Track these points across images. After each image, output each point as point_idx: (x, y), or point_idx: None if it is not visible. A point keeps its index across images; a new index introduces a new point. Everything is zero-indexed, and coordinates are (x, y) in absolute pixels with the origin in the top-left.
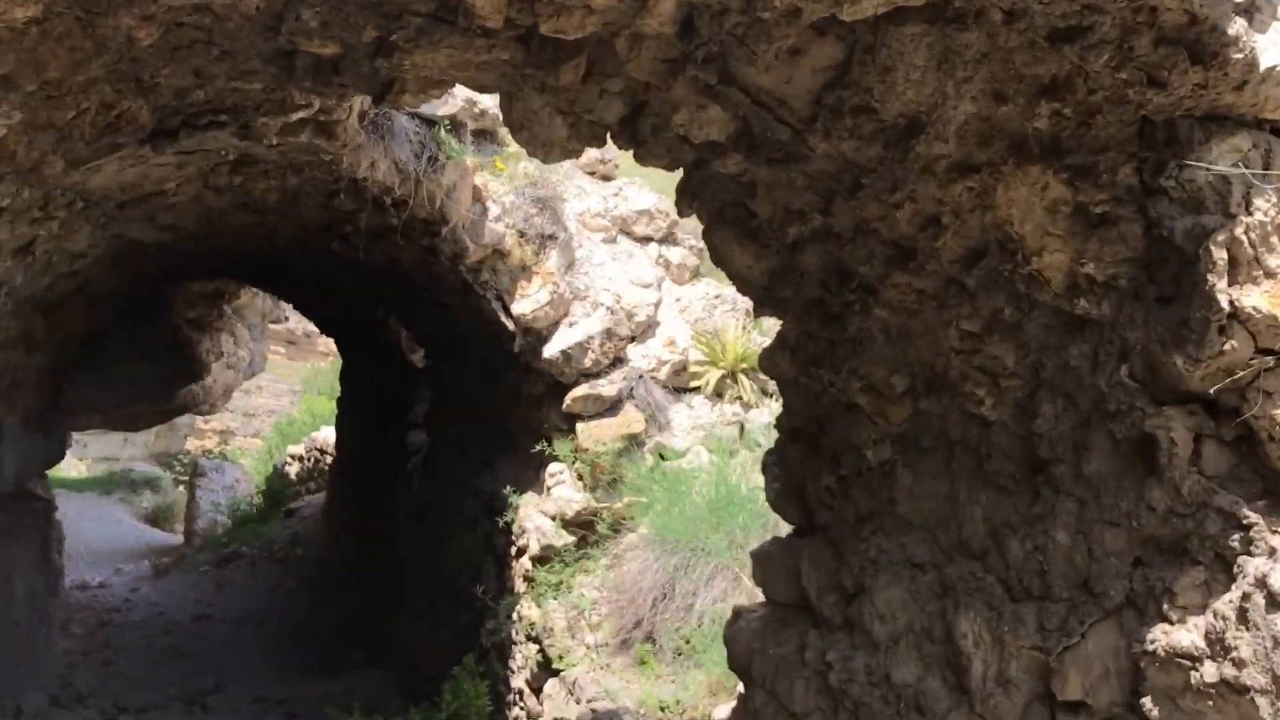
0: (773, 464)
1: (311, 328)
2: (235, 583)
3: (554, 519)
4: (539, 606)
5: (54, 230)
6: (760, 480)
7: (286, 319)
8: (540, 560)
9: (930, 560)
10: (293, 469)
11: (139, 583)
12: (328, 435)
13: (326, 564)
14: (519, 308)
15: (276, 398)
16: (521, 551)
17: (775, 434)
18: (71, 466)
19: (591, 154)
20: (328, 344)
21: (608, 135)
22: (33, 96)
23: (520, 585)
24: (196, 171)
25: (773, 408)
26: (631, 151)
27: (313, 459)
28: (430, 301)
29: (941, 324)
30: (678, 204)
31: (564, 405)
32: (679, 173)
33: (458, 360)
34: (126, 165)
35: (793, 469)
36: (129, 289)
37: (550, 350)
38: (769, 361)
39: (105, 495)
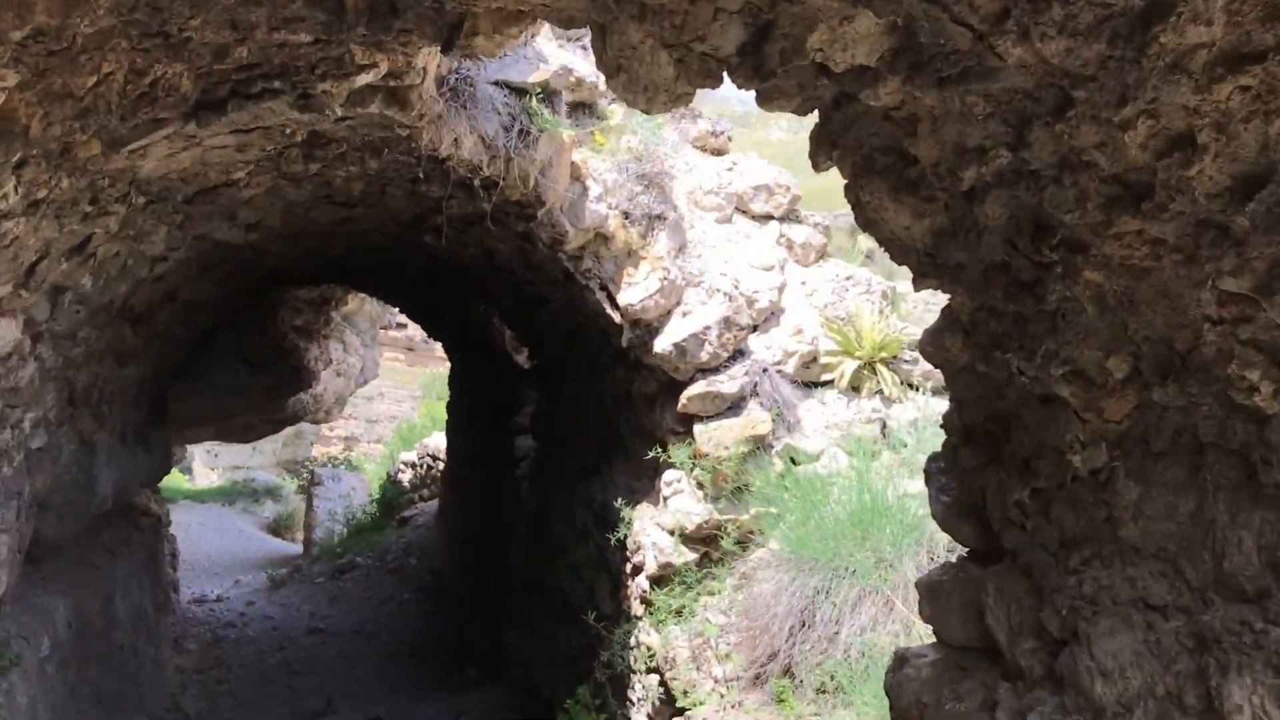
0: (938, 472)
1: None
2: (349, 594)
3: (672, 533)
4: (659, 633)
5: (112, 228)
6: (910, 487)
7: (404, 326)
8: (658, 581)
9: (1174, 602)
10: (406, 476)
11: (255, 596)
12: (440, 441)
13: (439, 575)
14: (626, 297)
15: (398, 404)
16: (637, 570)
17: (924, 433)
18: (203, 476)
19: (702, 126)
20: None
21: (724, 72)
22: (28, 51)
23: (637, 608)
24: (265, 157)
25: (920, 402)
26: (755, 92)
27: (425, 465)
28: (530, 295)
29: (1188, 285)
30: (813, 155)
31: (679, 405)
32: (803, 138)
33: (563, 358)
34: (177, 148)
35: (967, 479)
36: (227, 297)
37: (662, 344)
38: (934, 345)
39: (228, 505)
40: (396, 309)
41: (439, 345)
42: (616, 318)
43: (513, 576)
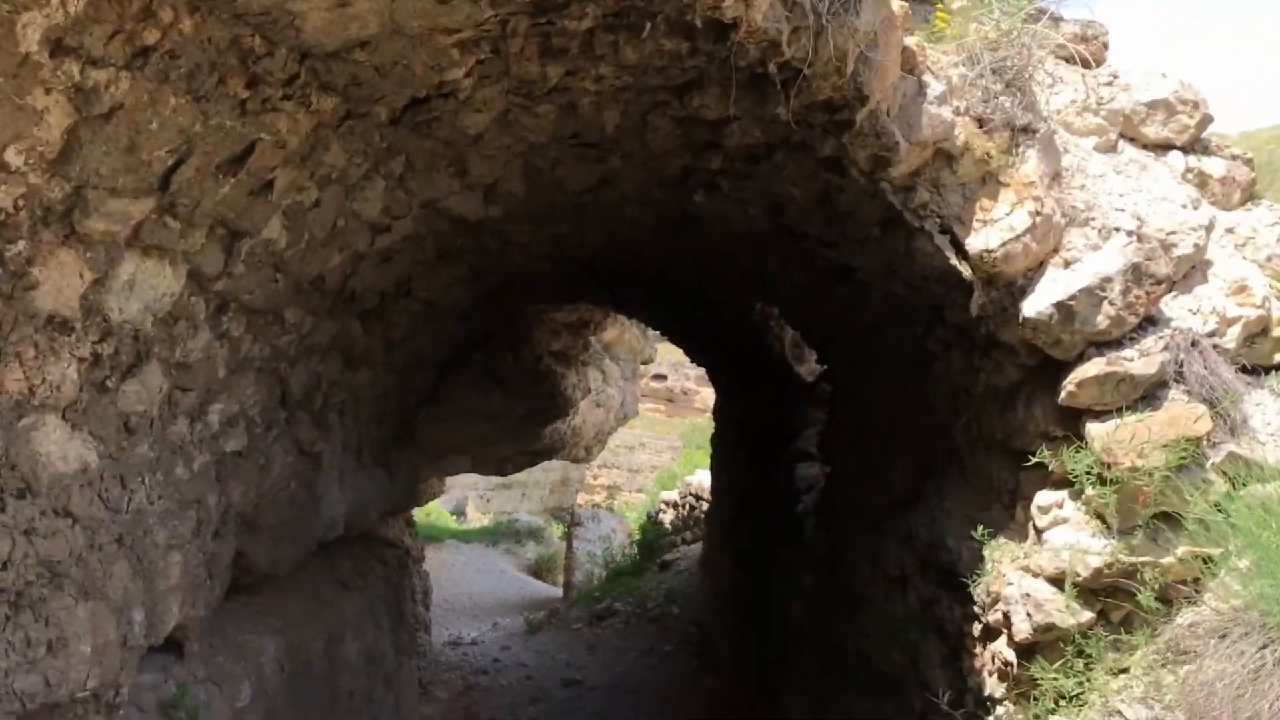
0: None
1: (689, 384)
2: (607, 643)
3: (1055, 582)
4: None
5: (286, 137)
6: None
7: (664, 378)
8: (1031, 649)
9: None
10: (667, 516)
11: (511, 640)
12: (703, 479)
13: (705, 626)
14: (979, 241)
15: (658, 454)
16: (993, 632)
17: None
18: (474, 520)
19: (1067, 29)
20: (704, 400)
21: None
22: None
23: (994, 686)
24: (483, 35)
25: None
26: None
27: (687, 505)
28: (828, 267)
29: None
30: None
31: (1060, 395)
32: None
33: (866, 356)
34: None
35: None
36: (474, 304)
37: (1035, 305)
38: None
39: (491, 546)
40: (657, 331)
41: (699, 396)
42: (965, 272)
43: (794, 634)
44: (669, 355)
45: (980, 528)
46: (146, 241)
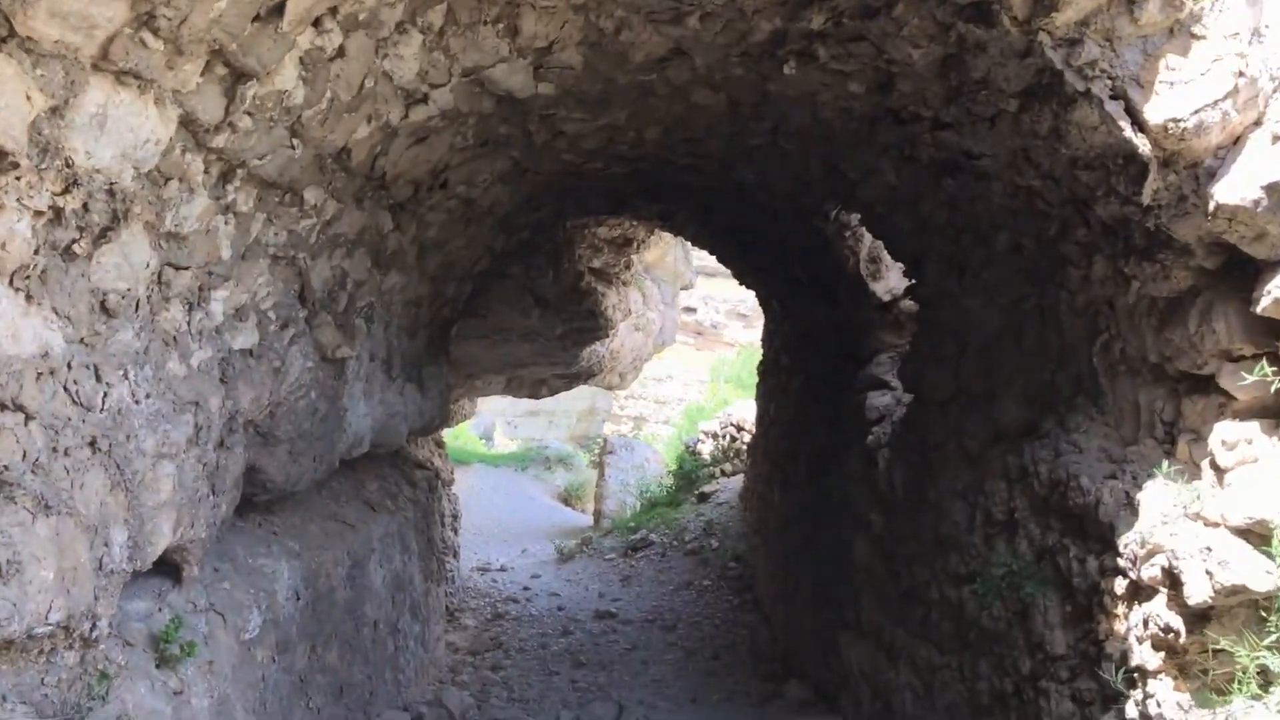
0: None
1: (719, 318)
2: (642, 575)
3: (1243, 534)
4: (1211, 711)
5: None
6: None
7: (693, 310)
8: (1205, 614)
9: None
10: (705, 448)
11: (542, 568)
12: (745, 411)
13: (746, 562)
14: (1162, 108)
15: (686, 387)
16: (1145, 591)
17: None
18: (502, 446)
19: None
20: (734, 335)
21: None
22: None
23: (1146, 655)
24: None
25: None
26: None
27: (728, 436)
28: (935, 164)
29: None
30: None
31: (1258, 304)
32: None
33: (973, 265)
34: None
35: None
36: (516, 207)
37: (1233, 189)
38: None
39: (521, 471)
40: (705, 255)
41: (728, 329)
42: (1141, 147)
43: (857, 576)
44: (700, 289)
45: (1121, 467)
46: (120, 65)
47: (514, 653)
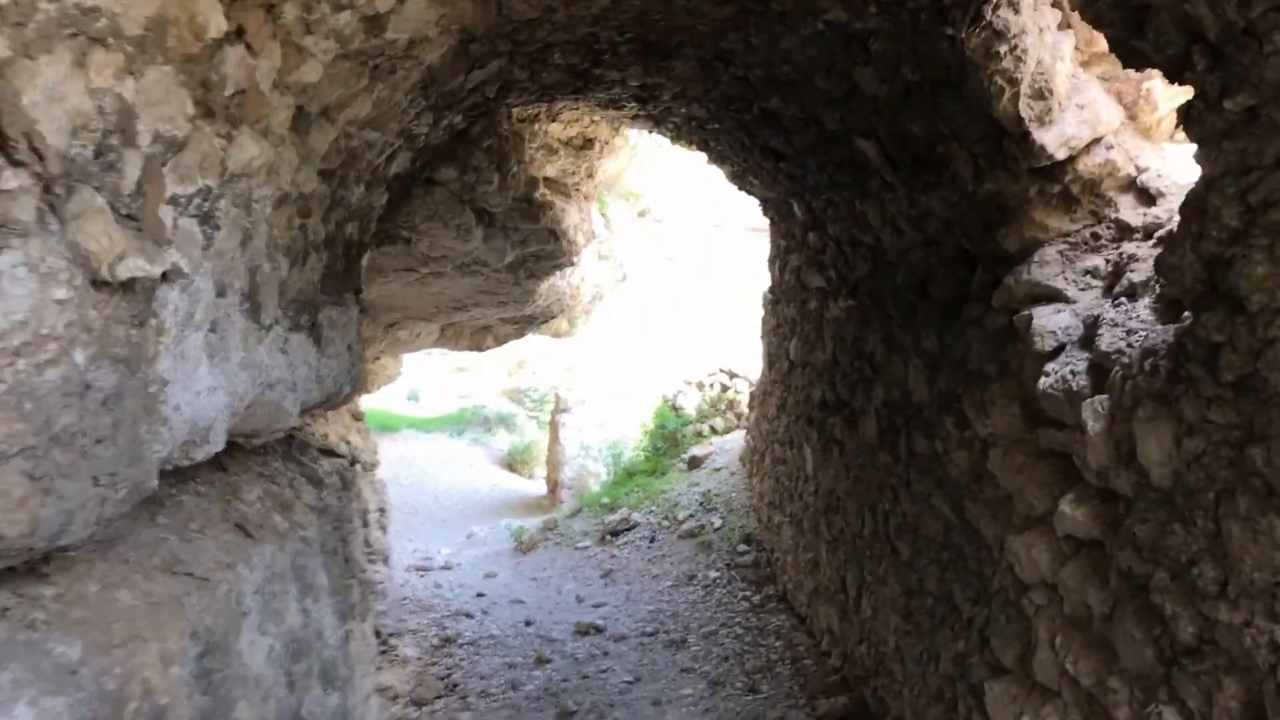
0: None
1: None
2: (629, 568)
3: None
4: None
5: None
6: None
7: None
8: None
9: None
10: (688, 400)
11: (496, 562)
12: (733, 358)
13: (763, 545)
14: None
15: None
16: None
17: None
18: (435, 409)
19: None
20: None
21: None
22: None
23: None
24: None
25: None
26: None
27: (717, 385)
28: None
29: None
30: None
31: None
32: None
33: None
34: None
35: None
36: (449, 68)
37: None
38: None
39: (456, 436)
40: (684, 143)
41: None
42: None
43: (1026, 595)
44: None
45: None
46: None
47: (475, 698)
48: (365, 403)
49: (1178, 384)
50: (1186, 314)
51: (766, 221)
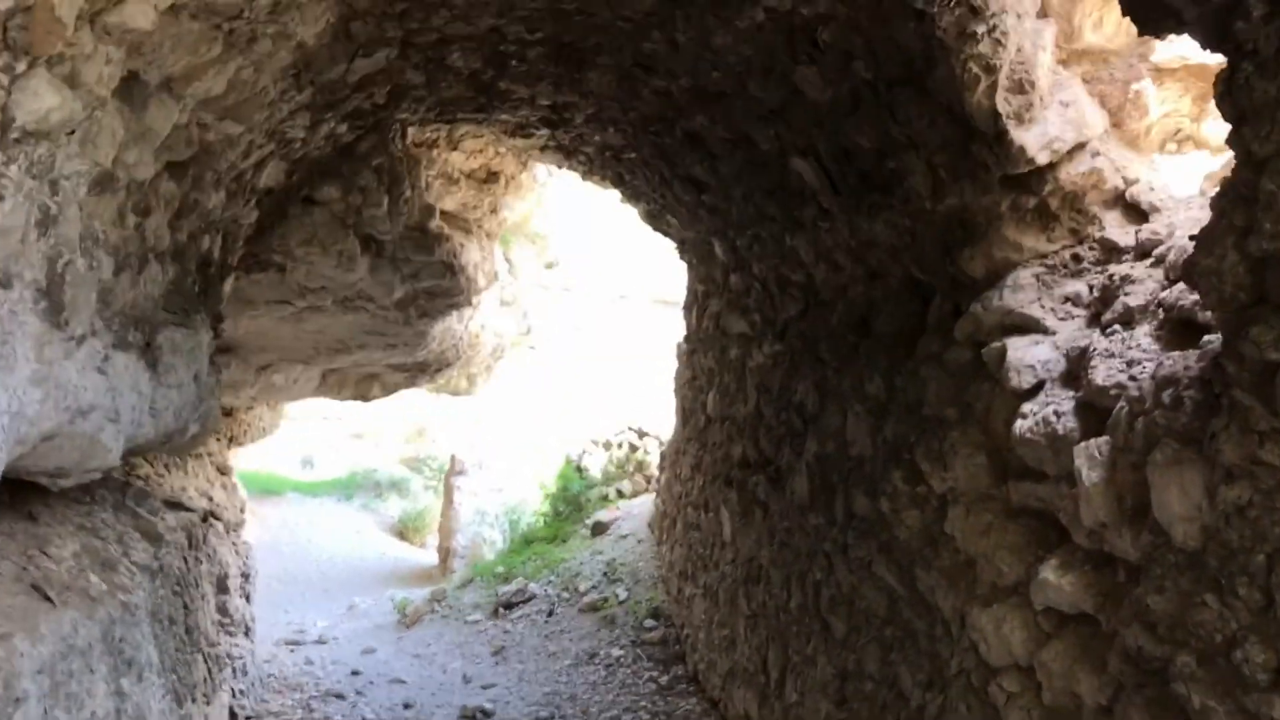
0: None
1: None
2: (523, 645)
3: None
4: None
5: None
6: None
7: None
8: None
9: None
10: (594, 461)
11: (377, 636)
12: (644, 419)
13: (672, 620)
14: None
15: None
16: None
17: None
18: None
19: None
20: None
21: None
22: None
23: None
24: None
25: None
26: None
27: (625, 445)
28: None
29: None
30: None
31: None
32: None
33: None
34: None
35: None
36: (331, 37)
37: None
38: None
39: (345, 501)
40: (593, 177)
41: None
42: None
43: (994, 677)
44: None
45: None
46: None
47: None
48: (248, 463)
49: (1212, 418)
50: (1207, 337)
51: (674, 294)
